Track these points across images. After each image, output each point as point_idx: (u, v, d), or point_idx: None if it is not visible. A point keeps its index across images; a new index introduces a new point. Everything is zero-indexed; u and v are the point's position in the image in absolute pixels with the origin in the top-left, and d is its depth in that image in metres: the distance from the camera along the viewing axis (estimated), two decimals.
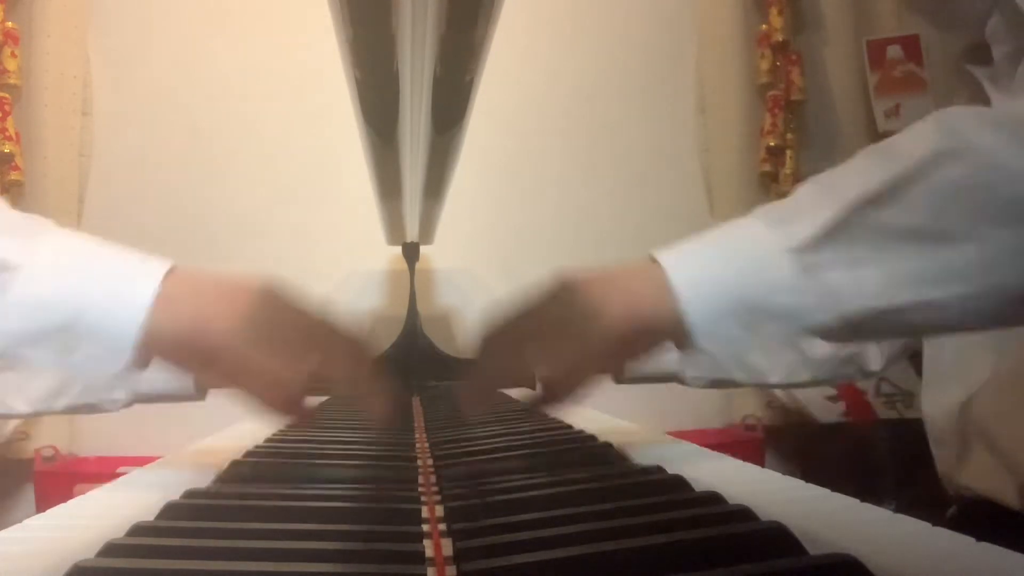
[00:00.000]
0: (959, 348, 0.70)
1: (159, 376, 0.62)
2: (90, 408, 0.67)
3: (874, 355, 0.85)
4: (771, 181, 1.46)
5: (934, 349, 0.75)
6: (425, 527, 0.35)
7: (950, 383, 0.72)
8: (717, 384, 0.77)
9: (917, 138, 0.47)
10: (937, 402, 0.74)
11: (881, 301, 0.46)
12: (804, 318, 0.48)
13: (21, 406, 0.68)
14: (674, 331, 0.48)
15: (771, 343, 0.57)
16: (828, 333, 0.49)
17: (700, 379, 0.72)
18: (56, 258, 0.46)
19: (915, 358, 0.83)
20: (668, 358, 0.79)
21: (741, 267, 0.48)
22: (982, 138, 0.46)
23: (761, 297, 0.47)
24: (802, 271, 0.47)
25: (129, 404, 0.66)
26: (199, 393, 0.68)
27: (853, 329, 0.49)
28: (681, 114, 1.50)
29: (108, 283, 0.46)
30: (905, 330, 0.52)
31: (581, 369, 0.49)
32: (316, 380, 0.49)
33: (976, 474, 0.67)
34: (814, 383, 0.84)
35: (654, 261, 0.51)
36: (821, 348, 0.79)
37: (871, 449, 1.34)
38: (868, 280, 0.47)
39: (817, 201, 0.48)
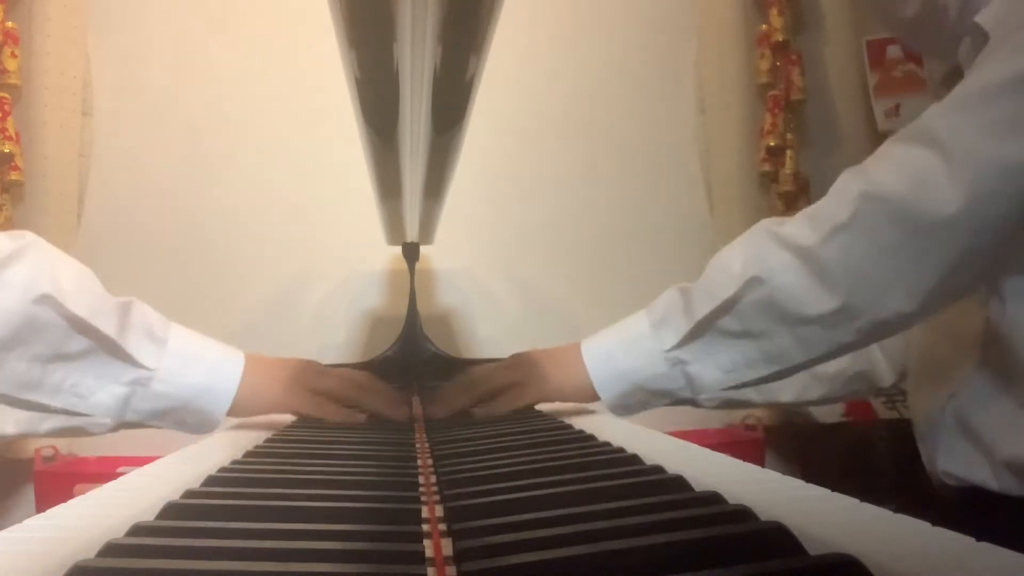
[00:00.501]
0: (944, 350, 0.74)
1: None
2: (75, 431, 0.74)
3: (885, 371, 0.87)
4: (771, 181, 1.46)
5: (922, 351, 0.80)
6: (425, 527, 0.35)
7: (935, 380, 0.75)
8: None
9: (740, 260, 0.68)
10: (922, 398, 0.78)
11: (726, 381, 0.71)
12: (676, 394, 0.74)
13: (9, 428, 0.80)
14: (586, 397, 0.76)
15: None
16: (699, 401, 0.75)
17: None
18: (175, 363, 0.69)
19: None
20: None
21: (633, 364, 0.73)
22: (776, 261, 0.66)
23: (647, 383, 0.73)
24: (671, 365, 0.72)
25: (115, 429, 0.72)
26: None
27: (714, 396, 0.74)
28: (681, 114, 1.50)
29: (208, 379, 0.70)
30: (749, 388, 0.75)
31: (512, 407, 0.77)
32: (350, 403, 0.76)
33: (957, 461, 0.71)
34: (825, 401, 0.90)
35: (579, 351, 0.76)
36: (832, 366, 0.83)
37: (871, 449, 1.34)
38: (714, 368, 0.71)
39: (683, 311, 0.71)
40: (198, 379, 0.69)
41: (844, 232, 0.62)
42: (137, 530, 0.32)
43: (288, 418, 0.79)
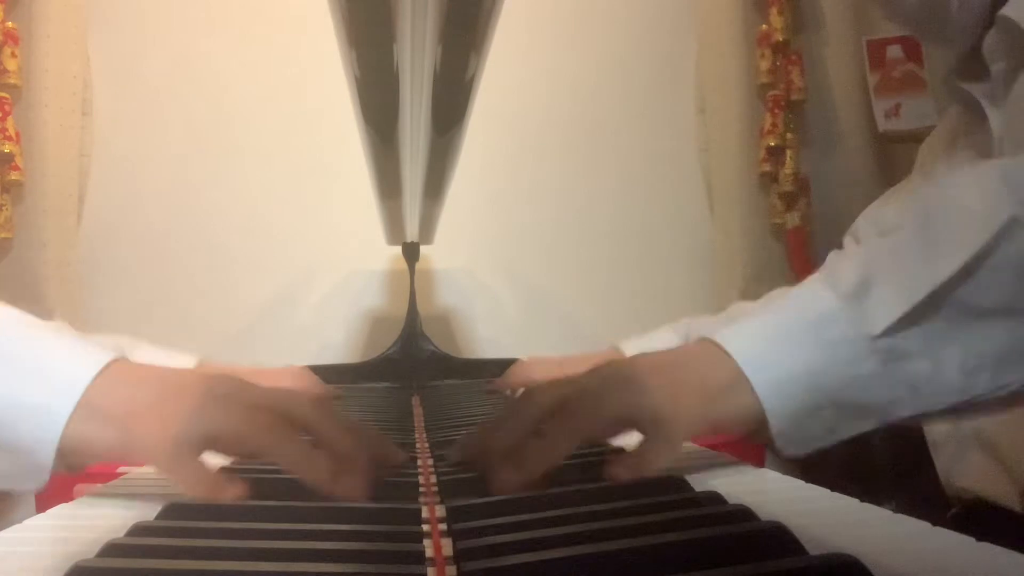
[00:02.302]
0: None
1: None
2: None
3: None
4: (771, 181, 1.46)
5: None
6: (425, 527, 0.35)
7: None
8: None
9: (988, 201, 0.45)
10: None
11: (971, 387, 0.45)
12: (885, 415, 0.46)
13: None
14: (750, 421, 0.46)
15: None
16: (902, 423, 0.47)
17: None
18: None
19: None
20: None
21: (818, 361, 0.45)
22: None
23: (843, 391, 0.45)
24: (883, 362, 0.45)
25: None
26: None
27: (927, 420, 0.48)
28: (681, 114, 1.50)
29: (23, 382, 0.41)
30: (992, 410, 0.48)
31: (672, 451, 0.45)
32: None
33: (975, 476, 0.67)
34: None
35: (721, 349, 0.46)
36: None
37: (871, 449, 1.34)
38: (949, 366, 0.45)
39: (894, 275, 0.46)
40: (9, 387, 0.41)
41: None
42: (137, 530, 0.32)
43: None
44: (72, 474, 0.43)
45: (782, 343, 0.46)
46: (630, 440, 0.47)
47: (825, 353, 0.45)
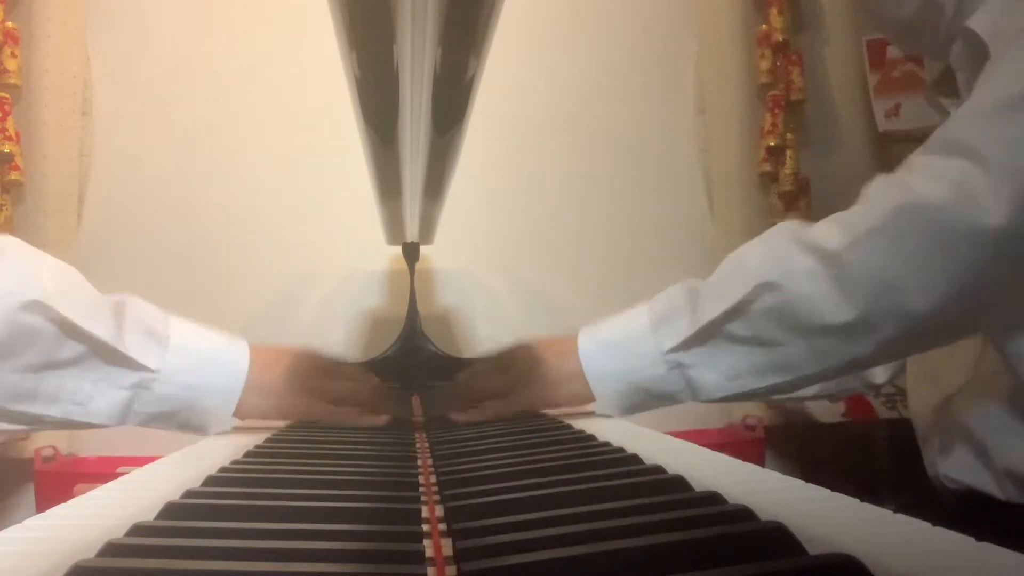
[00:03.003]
0: (943, 352, 0.73)
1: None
2: (72, 425, 0.67)
3: (878, 368, 0.86)
4: (771, 181, 1.46)
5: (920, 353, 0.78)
6: (425, 527, 0.35)
7: (934, 383, 0.75)
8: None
9: (756, 261, 0.65)
10: (922, 400, 0.78)
11: (729, 388, 0.67)
12: (675, 398, 0.70)
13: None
14: (581, 400, 0.72)
15: None
16: (702, 402, 0.70)
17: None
18: (178, 361, 0.66)
19: None
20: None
21: (630, 364, 0.70)
22: (796, 266, 0.62)
23: (644, 384, 0.70)
24: (669, 368, 0.69)
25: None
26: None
27: (716, 401, 0.70)
28: (681, 114, 1.50)
29: (213, 377, 0.68)
30: (753, 398, 0.76)
31: (504, 412, 0.74)
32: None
33: (957, 466, 0.70)
34: (818, 397, 0.89)
35: (576, 346, 0.73)
36: None
37: (871, 449, 1.34)
38: (717, 374, 0.67)
39: (687, 311, 0.68)
40: (203, 378, 0.67)
41: (877, 236, 0.59)
42: (137, 530, 0.32)
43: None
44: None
45: (610, 350, 0.71)
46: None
47: (634, 360, 0.70)
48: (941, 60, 0.73)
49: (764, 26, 1.46)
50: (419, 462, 0.52)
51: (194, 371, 0.67)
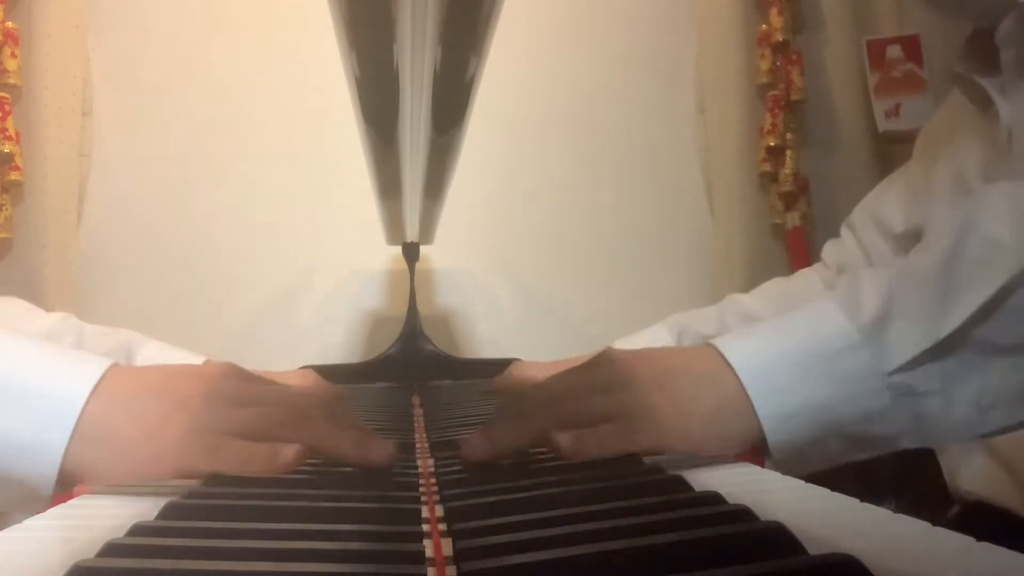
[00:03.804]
0: None
1: None
2: None
3: None
4: (771, 181, 1.46)
5: None
6: (425, 527, 0.35)
7: None
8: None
9: (1019, 234, 0.43)
10: None
11: (980, 425, 0.44)
12: (891, 445, 0.46)
13: None
14: (741, 445, 0.45)
15: None
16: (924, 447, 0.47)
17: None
18: None
19: None
20: None
21: (831, 393, 0.44)
22: None
23: (850, 424, 0.44)
24: (896, 397, 0.44)
25: None
26: None
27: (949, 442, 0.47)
28: (681, 114, 1.50)
29: (17, 423, 0.39)
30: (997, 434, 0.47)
31: (625, 446, 0.45)
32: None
33: (978, 479, 0.66)
34: None
35: (725, 363, 0.45)
36: None
37: None
38: (964, 404, 0.44)
39: (918, 314, 0.44)
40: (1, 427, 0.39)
41: None
42: (137, 530, 0.32)
43: None
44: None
45: (792, 370, 0.44)
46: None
47: (836, 387, 0.44)
48: (980, 23, 0.68)
49: (764, 26, 1.46)
50: (419, 462, 0.52)
51: None
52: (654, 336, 0.92)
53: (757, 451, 0.45)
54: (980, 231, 0.45)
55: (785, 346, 0.45)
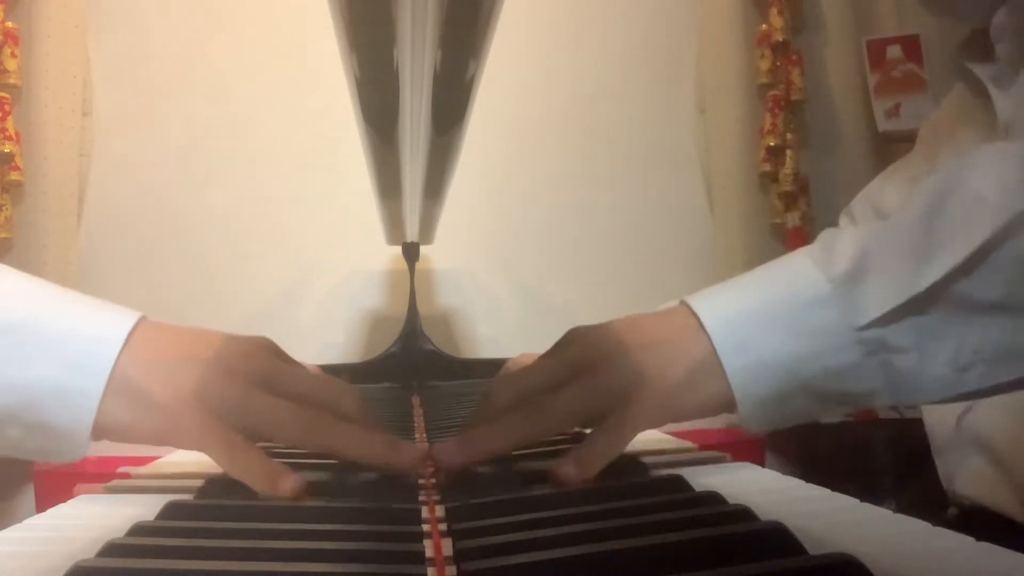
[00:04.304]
0: None
1: None
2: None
3: None
4: (771, 181, 1.46)
5: None
6: (425, 527, 0.35)
7: None
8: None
9: (1004, 188, 0.42)
10: (937, 412, 0.73)
11: (957, 384, 0.43)
12: (865, 400, 0.44)
13: None
14: (718, 408, 0.44)
15: None
16: (900, 410, 0.43)
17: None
18: None
19: None
20: None
21: (802, 347, 0.43)
22: None
23: (820, 380, 0.43)
24: (866, 354, 0.42)
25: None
26: None
27: (930, 403, 0.46)
28: (681, 114, 1.50)
29: (57, 371, 0.39)
30: (979, 397, 0.45)
31: (620, 444, 0.43)
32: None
33: (975, 483, 0.66)
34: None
35: (697, 321, 0.44)
36: None
37: (871, 449, 1.34)
38: (940, 362, 0.42)
39: (897, 262, 0.43)
40: (33, 370, 0.38)
41: None
42: (137, 530, 0.32)
43: None
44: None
45: (762, 324, 0.43)
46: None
47: (806, 340, 0.43)
48: (974, 23, 0.68)
49: (764, 26, 1.46)
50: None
51: (11, 360, 0.39)
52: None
53: (724, 410, 0.44)
54: (963, 187, 0.43)
55: (755, 299, 0.45)
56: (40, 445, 0.40)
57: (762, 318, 0.43)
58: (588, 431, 0.44)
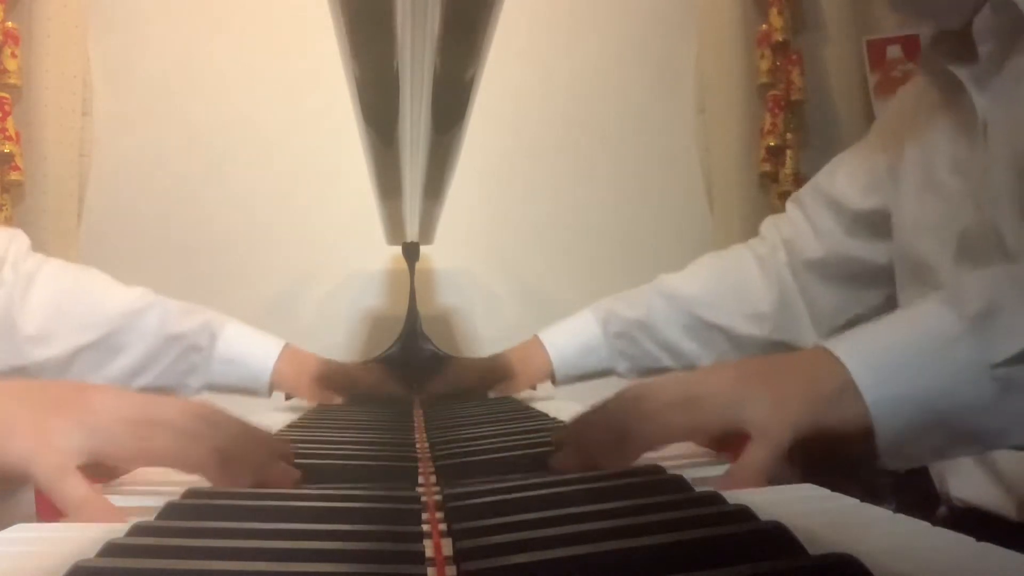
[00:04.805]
0: None
1: (231, 370, 0.89)
2: (163, 391, 0.73)
3: (808, 331, 0.85)
4: (771, 181, 1.46)
5: None
6: (425, 527, 0.35)
7: None
8: (649, 372, 0.78)
9: None
10: None
11: None
12: (992, 442, 0.46)
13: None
14: (855, 444, 0.45)
15: None
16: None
17: (632, 370, 0.72)
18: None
19: None
20: (599, 356, 0.85)
21: (939, 381, 0.44)
22: None
23: (956, 418, 0.44)
24: (1001, 390, 0.43)
25: (200, 391, 0.82)
26: (265, 391, 0.90)
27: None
28: (681, 114, 1.49)
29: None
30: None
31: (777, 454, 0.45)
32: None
33: (967, 484, 0.66)
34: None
35: (831, 355, 0.45)
36: (747, 331, 0.85)
37: (871, 449, 1.33)
38: None
39: (1022, 304, 0.44)
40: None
41: None
42: (137, 530, 0.32)
43: (286, 419, 0.79)
44: None
45: (899, 358, 0.45)
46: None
47: (944, 375, 0.44)
48: (950, 27, 0.68)
49: (764, 26, 1.46)
50: (419, 462, 0.52)
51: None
52: (583, 323, 0.98)
53: (863, 442, 0.45)
54: None
55: (889, 337, 0.46)
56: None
57: (896, 351, 0.45)
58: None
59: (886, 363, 0.45)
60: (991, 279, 0.47)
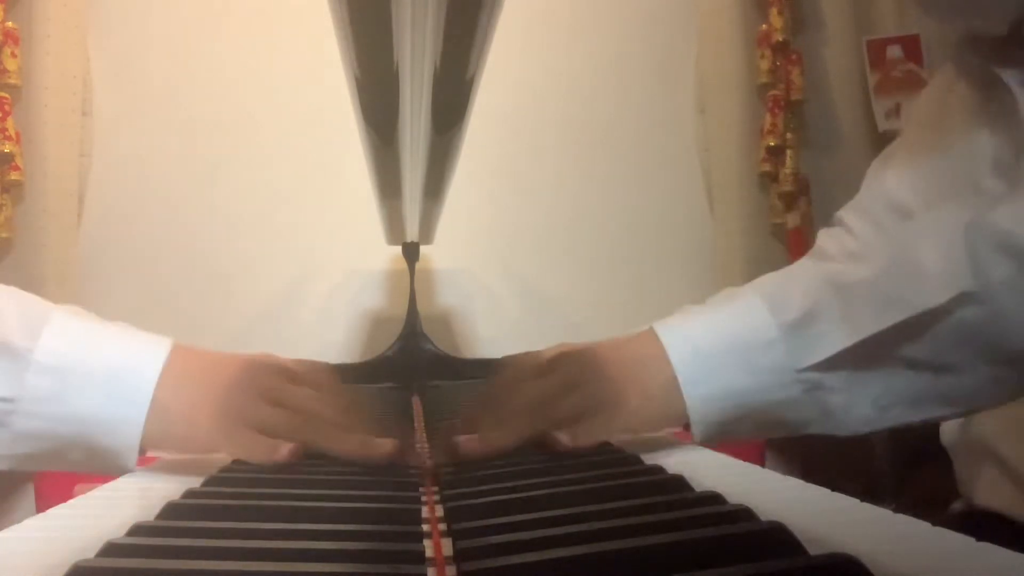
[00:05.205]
0: None
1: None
2: None
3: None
4: (771, 181, 1.46)
5: None
6: (425, 527, 0.35)
7: None
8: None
9: (937, 259, 0.48)
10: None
11: (878, 421, 0.51)
12: (800, 428, 0.53)
13: None
14: (677, 423, 0.53)
15: None
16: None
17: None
18: (47, 384, 0.47)
19: None
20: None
21: (750, 382, 0.51)
22: (1001, 274, 0.46)
23: (763, 409, 0.51)
24: (805, 391, 0.51)
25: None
26: None
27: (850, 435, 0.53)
28: (681, 114, 1.49)
29: (102, 402, 0.47)
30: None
31: (603, 435, 0.51)
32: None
33: (987, 488, 0.66)
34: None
35: (664, 353, 0.52)
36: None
37: (871, 449, 1.34)
38: (866, 404, 0.51)
39: (835, 319, 0.50)
40: (86, 405, 0.46)
41: None
42: (137, 530, 0.32)
43: None
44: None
45: (716, 361, 0.51)
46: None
47: (753, 377, 0.51)
48: (991, 32, 0.65)
49: (764, 26, 1.46)
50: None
51: (71, 395, 0.46)
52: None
53: (681, 423, 0.53)
54: (911, 256, 0.50)
55: (712, 337, 0.52)
56: (99, 465, 0.49)
57: (718, 357, 0.51)
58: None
59: (706, 364, 0.51)
60: (816, 284, 0.52)
